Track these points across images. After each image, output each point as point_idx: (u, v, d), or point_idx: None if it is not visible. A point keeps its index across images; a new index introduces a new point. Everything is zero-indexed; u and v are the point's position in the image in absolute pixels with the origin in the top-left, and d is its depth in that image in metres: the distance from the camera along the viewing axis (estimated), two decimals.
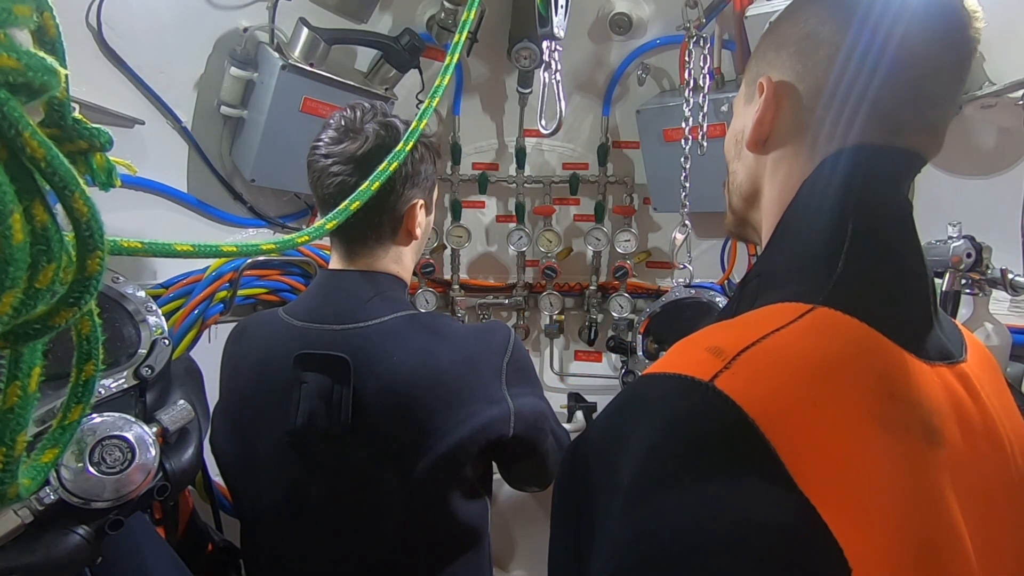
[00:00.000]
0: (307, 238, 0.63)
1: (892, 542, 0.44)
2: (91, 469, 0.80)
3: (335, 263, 1.09)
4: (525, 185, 1.86)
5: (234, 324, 1.20)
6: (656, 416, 0.48)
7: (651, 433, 0.47)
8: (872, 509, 0.45)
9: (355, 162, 1.01)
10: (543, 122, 1.06)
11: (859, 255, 0.56)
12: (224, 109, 1.42)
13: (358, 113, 1.05)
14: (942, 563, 0.47)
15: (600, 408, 1.82)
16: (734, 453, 0.45)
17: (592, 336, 1.90)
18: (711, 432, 0.46)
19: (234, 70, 1.39)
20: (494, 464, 1.13)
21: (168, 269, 1.37)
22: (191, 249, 0.51)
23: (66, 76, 0.35)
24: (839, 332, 0.53)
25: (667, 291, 1.61)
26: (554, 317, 1.90)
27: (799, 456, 0.44)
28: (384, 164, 0.72)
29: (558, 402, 1.86)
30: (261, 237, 1.59)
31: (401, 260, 1.11)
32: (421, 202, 1.09)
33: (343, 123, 1.04)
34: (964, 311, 1.21)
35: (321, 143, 1.04)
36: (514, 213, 1.88)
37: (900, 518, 0.46)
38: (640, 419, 0.49)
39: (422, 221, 1.11)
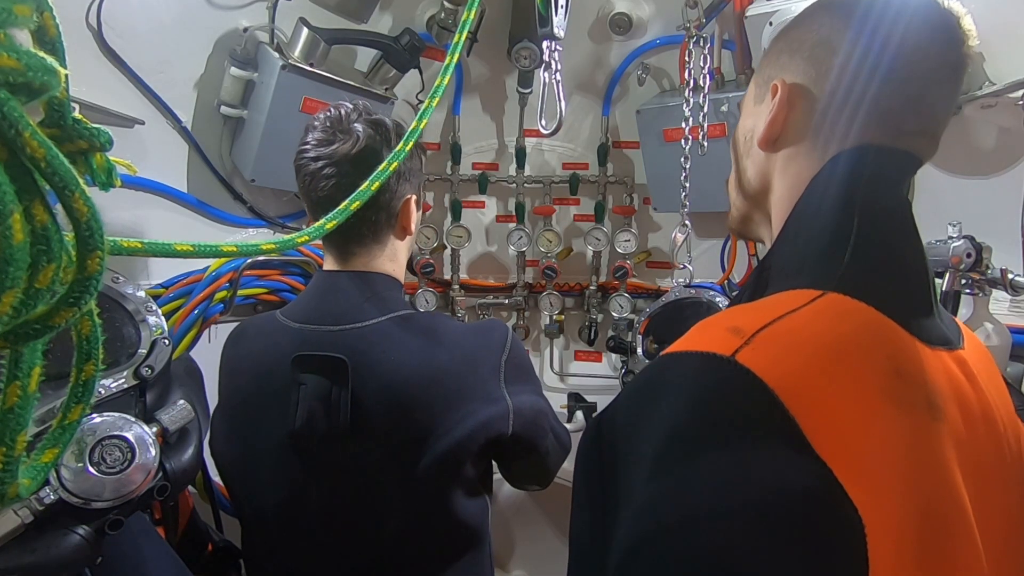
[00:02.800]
0: (307, 238, 0.63)
1: (899, 502, 0.48)
2: (91, 469, 0.80)
3: (330, 264, 1.09)
4: (525, 185, 1.86)
5: (234, 324, 1.20)
6: (680, 389, 0.51)
7: (676, 406, 0.50)
8: (882, 473, 0.48)
9: (349, 162, 1.01)
10: (543, 122, 1.06)
11: (864, 247, 0.60)
12: (224, 109, 1.42)
13: (343, 112, 1.04)
14: (946, 523, 0.50)
15: (600, 408, 1.83)
16: (758, 422, 0.47)
17: (592, 336, 1.90)
18: (736, 403, 0.48)
19: (234, 70, 1.38)
20: (494, 464, 1.13)
21: (168, 269, 1.37)
22: (191, 249, 0.51)
23: (66, 76, 0.35)
24: (850, 315, 0.56)
25: (667, 291, 1.61)
26: (554, 317, 1.90)
27: (816, 426, 0.47)
28: (384, 164, 0.72)
29: (558, 402, 1.86)
30: (261, 237, 1.59)
31: (396, 257, 1.12)
32: (414, 197, 1.10)
33: (328, 124, 1.03)
34: (964, 311, 1.21)
35: (309, 146, 1.03)
36: (514, 213, 1.88)
37: (906, 481, 0.49)
38: (664, 393, 0.51)
39: (415, 216, 1.12)
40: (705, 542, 0.44)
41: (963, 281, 1.18)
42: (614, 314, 1.83)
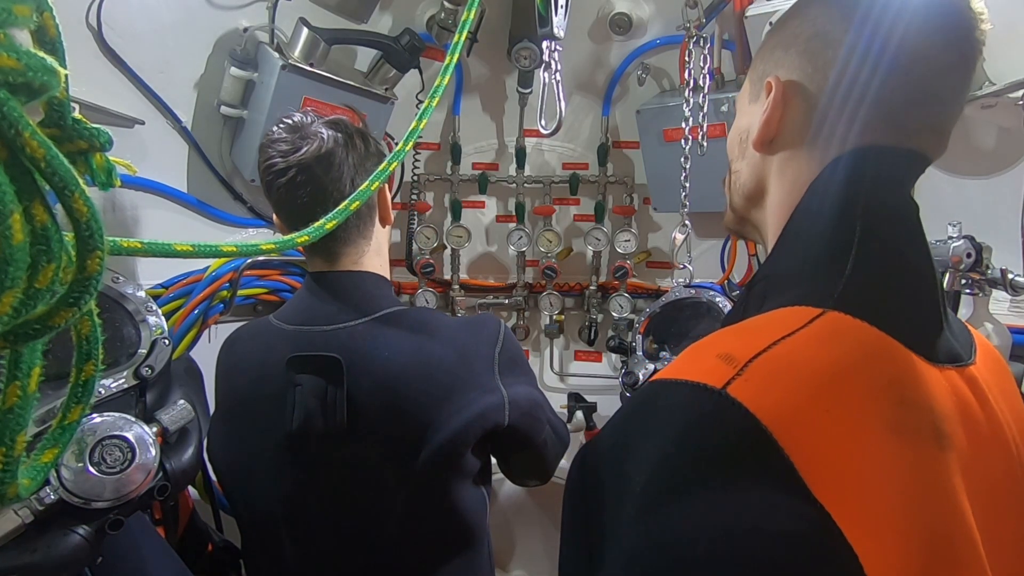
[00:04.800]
0: (307, 238, 0.63)
1: (902, 540, 0.45)
2: (91, 469, 0.80)
3: (317, 267, 1.09)
4: (525, 185, 1.86)
5: (234, 324, 1.20)
6: (668, 424, 0.48)
7: (664, 441, 0.47)
8: (883, 511, 0.45)
9: (320, 165, 1.00)
10: (543, 122, 1.06)
11: (867, 257, 0.56)
12: (224, 109, 1.42)
13: (295, 120, 1.04)
14: (954, 556, 0.47)
15: (600, 408, 1.84)
16: (748, 461, 0.44)
17: (592, 336, 1.90)
18: (725, 440, 0.45)
19: (234, 70, 1.38)
20: (493, 461, 1.13)
21: (168, 269, 1.37)
22: (191, 249, 0.51)
23: (66, 76, 0.35)
24: (849, 337, 0.52)
25: (667, 291, 1.61)
26: (554, 317, 1.90)
27: (812, 463, 0.44)
28: (384, 164, 0.72)
29: (558, 402, 1.85)
30: (261, 237, 1.59)
31: (381, 250, 1.13)
32: (385, 185, 1.10)
33: (286, 134, 1.02)
34: (964, 311, 1.21)
35: (275, 160, 1.01)
36: (514, 213, 1.88)
37: (910, 517, 0.46)
38: (651, 427, 0.49)
39: (390, 202, 1.13)
40: None
41: (963, 281, 1.18)
42: (614, 314, 1.83)
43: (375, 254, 1.11)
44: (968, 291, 1.19)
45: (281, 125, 1.04)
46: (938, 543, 0.46)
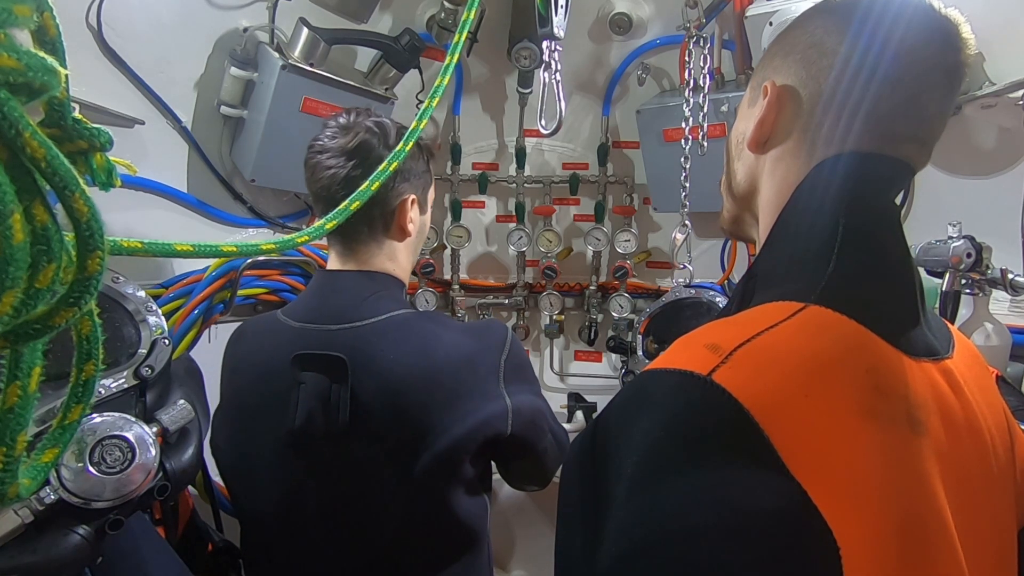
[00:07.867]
0: (307, 238, 0.63)
1: (876, 520, 0.47)
2: (91, 469, 0.79)
3: (332, 263, 1.10)
4: (525, 185, 1.86)
5: (234, 324, 1.20)
6: (657, 409, 0.50)
7: (653, 425, 0.49)
8: (857, 492, 0.48)
9: (346, 155, 1.04)
10: (543, 122, 1.06)
11: (849, 256, 0.59)
12: (224, 109, 1.42)
13: (352, 116, 1.08)
14: (926, 538, 0.50)
15: (600, 408, 1.84)
16: (732, 442, 0.47)
17: (592, 336, 1.90)
18: (710, 423, 0.48)
19: (234, 70, 1.38)
20: (493, 464, 1.13)
21: (168, 269, 1.37)
22: (191, 249, 0.51)
23: (66, 76, 0.35)
24: (830, 329, 0.55)
25: (667, 291, 1.61)
26: (554, 317, 1.90)
27: (792, 445, 0.47)
28: (384, 164, 0.72)
29: (558, 402, 1.86)
30: (261, 237, 1.59)
31: (396, 257, 1.12)
32: (413, 197, 1.10)
33: (340, 120, 1.08)
34: (964, 311, 1.21)
35: (319, 141, 1.07)
36: (514, 213, 1.88)
37: (884, 498, 0.48)
38: (642, 413, 0.51)
39: (415, 218, 1.11)
40: (678, 562, 0.44)
41: (963, 281, 1.18)
42: (614, 314, 1.83)
43: (387, 259, 1.10)
44: (968, 291, 1.19)
45: (341, 115, 1.09)
46: (910, 522, 0.49)
